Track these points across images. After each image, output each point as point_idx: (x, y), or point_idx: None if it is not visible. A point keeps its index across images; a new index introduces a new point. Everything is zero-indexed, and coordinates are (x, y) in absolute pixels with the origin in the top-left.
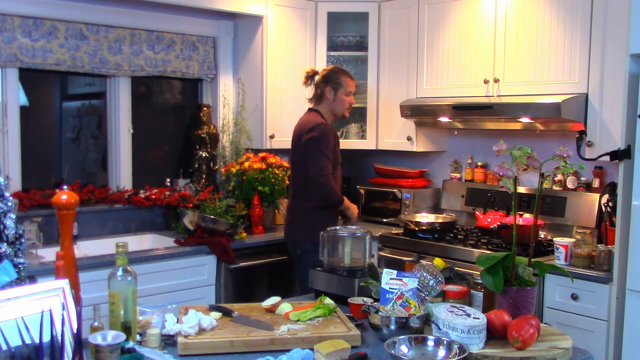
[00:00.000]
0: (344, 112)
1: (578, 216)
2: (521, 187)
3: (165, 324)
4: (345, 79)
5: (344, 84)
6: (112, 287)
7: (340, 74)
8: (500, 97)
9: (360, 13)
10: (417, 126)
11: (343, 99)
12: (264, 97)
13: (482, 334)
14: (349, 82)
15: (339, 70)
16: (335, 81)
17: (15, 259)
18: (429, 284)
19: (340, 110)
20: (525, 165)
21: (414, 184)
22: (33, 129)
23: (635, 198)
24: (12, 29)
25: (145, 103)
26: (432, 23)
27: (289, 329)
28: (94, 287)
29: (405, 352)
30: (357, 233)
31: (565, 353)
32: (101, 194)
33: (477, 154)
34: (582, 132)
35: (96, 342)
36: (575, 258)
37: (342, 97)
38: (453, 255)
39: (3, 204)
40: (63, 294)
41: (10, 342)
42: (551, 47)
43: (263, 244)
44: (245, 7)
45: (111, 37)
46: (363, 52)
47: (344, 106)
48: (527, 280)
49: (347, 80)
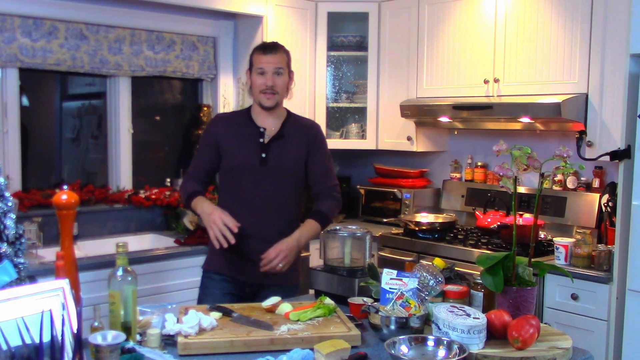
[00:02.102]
0: (259, 98)
1: (578, 216)
2: (521, 187)
3: (165, 324)
4: (255, 54)
5: (254, 61)
6: (112, 287)
7: (253, 51)
8: (500, 97)
9: (360, 13)
10: (417, 126)
11: (254, 81)
12: None
13: (482, 334)
14: (258, 57)
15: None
16: (249, 61)
17: (15, 259)
18: (429, 284)
19: (255, 95)
20: (525, 165)
21: (414, 184)
22: (33, 129)
23: (635, 198)
24: (12, 29)
25: (145, 103)
26: (432, 23)
27: (289, 329)
28: (94, 287)
29: (405, 352)
30: (357, 233)
31: (565, 353)
32: (101, 194)
33: (477, 154)
34: (582, 132)
35: (96, 342)
36: (575, 258)
37: (254, 78)
38: (453, 255)
39: (3, 204)
40: (63, 294)
41: (10, 342)
42: (551, 47)
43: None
44: (245, 7)
45: (111, 37)
46: (363, 52)
47: (256, 89)
48: (527, 280)
49: (257, 56)
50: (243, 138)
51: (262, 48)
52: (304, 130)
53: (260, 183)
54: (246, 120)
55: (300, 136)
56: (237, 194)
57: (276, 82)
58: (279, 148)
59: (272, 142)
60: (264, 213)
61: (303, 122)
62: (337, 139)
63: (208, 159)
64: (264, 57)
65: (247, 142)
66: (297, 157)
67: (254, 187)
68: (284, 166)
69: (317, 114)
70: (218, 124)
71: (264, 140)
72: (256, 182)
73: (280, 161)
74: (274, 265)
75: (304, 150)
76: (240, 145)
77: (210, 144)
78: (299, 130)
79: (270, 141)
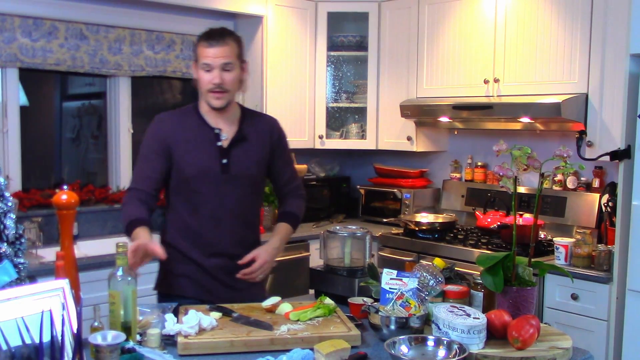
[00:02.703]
0: (206, 97)
1: (578, 216)
2: (521, 187)
3: (165, 324)
4: (200, 46)
5: (198, 53)
6: (112, 287)
7: (197, 41)
8: (500, 97)
9: (360, 13)
10: (417, 126)
11: (200, 77)
12: (264, 97)
13: (482, 334)
14: (203, 50)
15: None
16: (194, 52)
17: (15, 259)
18: (429, 284)
19: (203, 94)
20: (525, 165)
21: (414, 184)
22: (33, 129)
23: (635, 198)
24: (12, 29)
25: (145, 103)
26: (432, 23)
27: (289, 329)
28: (94, 287)
29: (405, 352)
30: (357, 233)
31: (565, 353)
32: (101, 194)
33: (477, 154)
34: (582, 132)
35: (96, 342)
36: (575, 258)
37: (200, 74)
38: (453, 255)
39: (3, 204)
40: (63, 294)
41: (10, 342)
42: (551, 47)
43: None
44: (245, 7)
45: (111, 37)
46: (363, 52)
47: (203, 87)
48: (527, 280)
49: (201, 49)
50: (197, 142)
51: (207, 38)
52: (266, 129)
53: (222, 193)
54: (197, 121)
55: (262, 136)
56: (196, 207)
57: (225, 79)
58: (241, 152)
59: (233, 146)
60: (229, 226)
61: (261, 119)
62: (337, 139)
63: (157, 168)
64: (210, 51)
65: (203, 147)
66: (260, 160)
67: (215, 198)
68: (247, 172)
69: (317, 114)
70: (164, 125)
71: (222, 143)
72: (218, 192)
73: (244, 167)
74: (254, 277)
75: (267, 151)
76: (195, 151)
77: (159, 149)
78: (259, 129)
79: (231, 145)
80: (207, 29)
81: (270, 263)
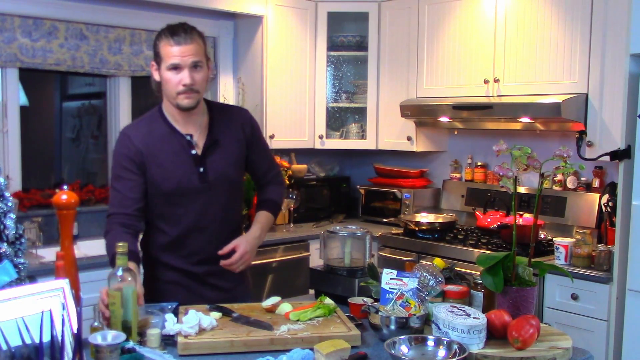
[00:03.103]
0: (176, 99)
1: (578, 216)
2: (521, 187)
3: (165, 324)
4: (163, 44)
5: (162, 53)
6: (112, 287)
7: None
8: (500, 97)
9: (360, 13)
10: (417, 126)
11: (167, 79)
12: (264, 97)
13: (482, 334)
14: (168, 49)
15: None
16: (155, 52)
17: (15, 259)
18: (429, 284)
19: (171, 97)
20: (525, 165)
21: (414, 184)
22: (33, 129)
23: (635, 198)
24: (12, 29)
25: (145, 103)
26: (432, 23)
27: (289, 329)
28: (94, 287)
29: (405, 352)
30: (357, 233)
31: (565, 353)
32: (101, 194)
33: (477, 154)
34: (582, 132)
35: (96, 342)
36: (575, 258)
37: (166, 76)
38: (453, 255)
39: (3, 204)
40: (63, 294)
41: (10, 342)
42: (551, 47)
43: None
44: (245, 7)
45: (111, 37)
46: (363, 52)
47: (171, 89)
48: (527, 280)
49: (166, 48)
50: (170, 153)
51: (172, 34)
52: (237, 124)
53: (203, 202)
54: (166, 129)
55: (235, 132)
56: (178, 222)
57: (195, 78)
58: (216, 157)
59: (207, 152)
60: (213, 232)
61: (231, 114)
62: (337, 139)
63: (134, 187)
64: (177, 49)
65: (177, 157)
66: (237, 160)
67: (196, 208)
68: (225, 177)
69: (317, 114)
70: (134, 139)
71: (196, 151)
72: (199, 203)
73: (221, 172)
74: (235, 268)
75: (243, 148)
76: (170, 165)
77: (131, 167)
78: (230, 125)
79: (205, 151)
80: (167, 25)
81: (251, 253)
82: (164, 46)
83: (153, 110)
